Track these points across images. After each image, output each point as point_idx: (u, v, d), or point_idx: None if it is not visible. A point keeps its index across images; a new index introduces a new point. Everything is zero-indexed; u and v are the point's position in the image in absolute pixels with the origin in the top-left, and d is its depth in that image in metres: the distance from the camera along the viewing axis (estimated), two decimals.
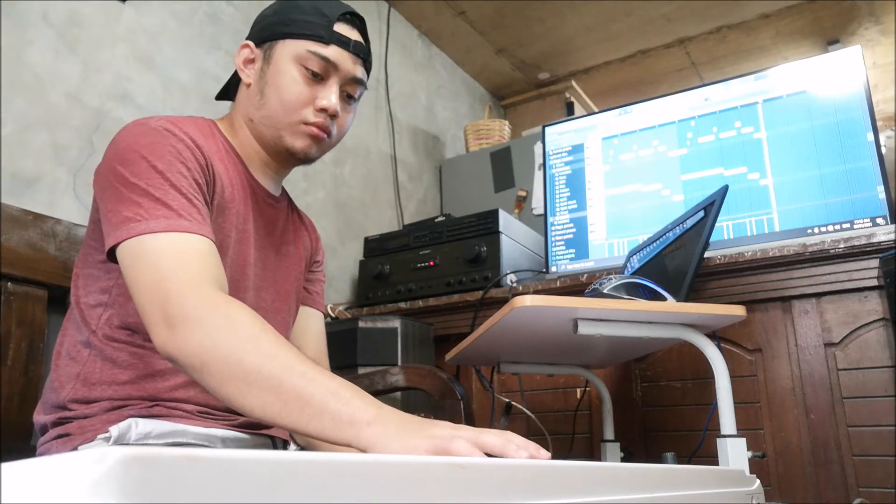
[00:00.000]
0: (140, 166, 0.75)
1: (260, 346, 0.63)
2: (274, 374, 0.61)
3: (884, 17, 2.69)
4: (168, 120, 0.82)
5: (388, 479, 0.29)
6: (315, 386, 0.59)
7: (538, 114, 2.89)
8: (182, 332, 0.65)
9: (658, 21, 2.65)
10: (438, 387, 1.20)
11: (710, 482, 0.65)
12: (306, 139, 0.90)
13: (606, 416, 1.32)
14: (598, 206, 1.73)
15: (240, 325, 0.65)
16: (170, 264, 0.69)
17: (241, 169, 0.92)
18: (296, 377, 0.60)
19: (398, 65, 2.47)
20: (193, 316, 0.65)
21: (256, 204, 0.93)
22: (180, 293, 0.67)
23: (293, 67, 0.88)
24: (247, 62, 0.93)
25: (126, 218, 0.72)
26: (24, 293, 1.03)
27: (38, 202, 1.23)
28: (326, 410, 0.58)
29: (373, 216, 2.23)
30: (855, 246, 1.24)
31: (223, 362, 0.63)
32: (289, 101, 0.88)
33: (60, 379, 0.82)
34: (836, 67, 1.47)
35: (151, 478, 0.21)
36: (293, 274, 1.00)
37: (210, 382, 0.64)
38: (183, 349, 0.65)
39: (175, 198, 0.74)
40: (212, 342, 0.64)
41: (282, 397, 0.60)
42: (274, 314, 0.95)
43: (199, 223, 0.75)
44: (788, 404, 1.28)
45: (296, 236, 1.03)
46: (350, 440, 0.57)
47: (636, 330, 0.96)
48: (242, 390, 0.62)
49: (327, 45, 0.88)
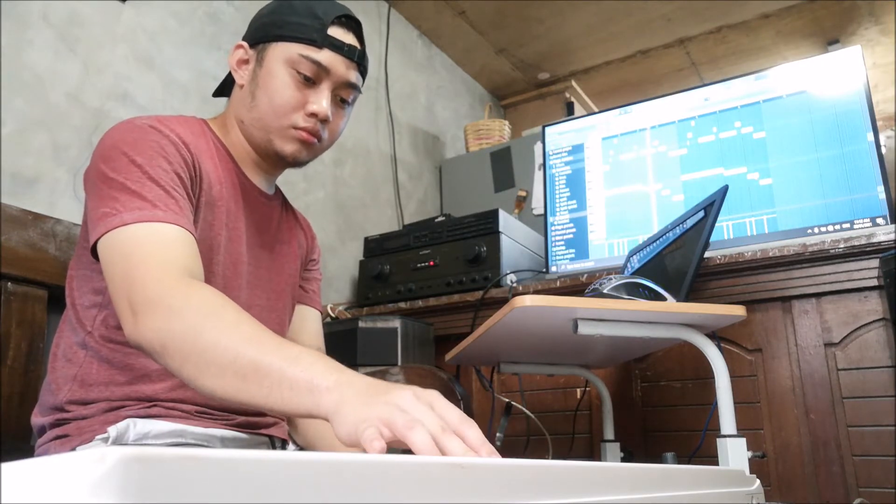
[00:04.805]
0: (120, 162, 0.75)
1: (219, 321, 0.62)
2: (230, 346, 0.59)
3: (884, 17, 2.69)
4: (156, 118, 0.82)
5: (388, 479, 0.29)
6: (274, 355, 0.58)
7: (538, 114, 2.89)
8: (143, 318, 0.65)
9: (658, 21, 2.65)
10: (438, 387, 1.20)
11: (710, 482, 0.65)
12: (295, 144, 0.89)
13: (606, 416, 1.32)
14: (598, 206, 1.73)
15: (198, 303, 0.64)
16: (139, 253, 0.69)
17: (233, 167, 0.91)
18: (253, 348, 0.59)
19: (398, 65, 2.47)
20: (154, 300, 0.65)
21: (248, 202, 0.93)
22: (143, 280, 0.67)
23: (284, 71, 0.87)
24: (240, 63, 0.92)
25: (103, 214, 0.72)
26: (24, 293, 1.03)
27: (38, 202, 1.23)
28: (284, 378, 0.56)
29: (373, 216, 2.23)
30: (855, 246, 1.24)
31: (181, 340, 0.62)
32: (279, 104, 0.87)
33: (57, 381, 0.82)
34: (836, 67, 1.47)
35: (151, 478, 0.21)
36: (287, 272, 1.00)
37: (171, 364, 0.63)
38: (144, 335, 0.65)
39: (151, 189, 0.74)
40: (167, 323, 0.63)
41: (240, 372, 0.58)
42: (269, 312, 0.94)
43: (175, 213, 0.74)
44: (788, 404, 1.28)
45: (290, 235, 1.02)
46: (311, 409, 0.54)
47: (636, 330, 0.96)
48: (201, 368, 0.60)
49: (320, 48, 0.87)
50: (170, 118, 0.84)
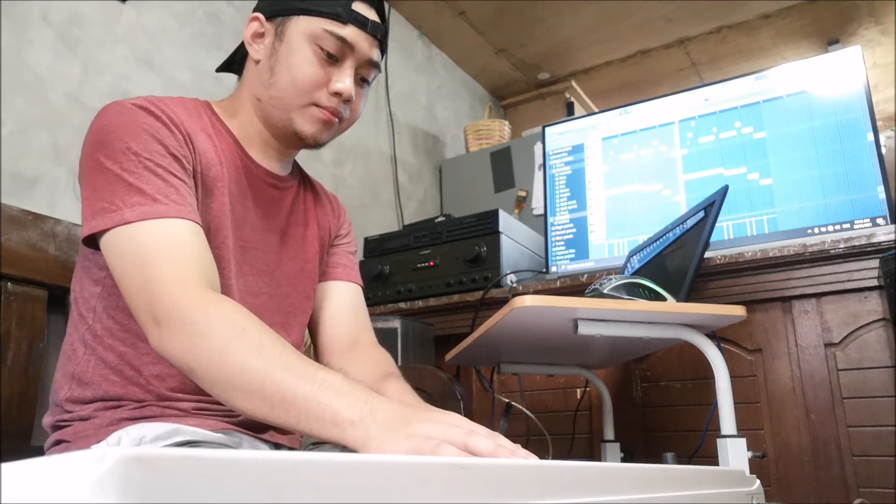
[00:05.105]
0: (114, 149, 0.73)
1: (243, 345, 0.62)
2: (256, 375, 0.60)
3: (884, 17, 2.69)
4: (146, 99, 0.79)
5: (388, 479, 0.29)
6: (299, 384, 0.58)
7: (538, 114, 2.89)
8: (167, 334, 0.65)
9: (658, 21, 2.65)
10: (438, 387, 1.20)
11: (710, 482, 0.65)
12: (317, 124, 0.86)
13: (606, 416, 1.32)
14: (598, 206, 1.73)
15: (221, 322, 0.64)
16: (153, 261, 0.68)
17: (235, 149, 0.88)
18: (279, 374, 0.59)
19: (398, 65, 2.47)
20: (176, 316, 0.65)
21: (253, 185, 0.89)
22: (163, 293, 0.66)
23: (307, 46, 0.82)
24: (255, 36, 0.87)
25: (102, 208, 0.71)
26: (23, 293, 1.03)
27: (38, 202, 1.23)
28: (310, 411, 0.57)
29: (373, 216, 2.23)
30: (855, 246, 1.24)
31: (207, 365, 0.63)
32: (301, 81, 0.83)
33: (59, 380, 0.82)
34: (836, 67, 1.47)
35: (151, 478, 0.21)
36: (302, 256, 0.95)
37: (202, 385, 0.65)
38: (171, 352, 0.66)
39: (149, 180, 0.72)
40: (193, 346, 0.64)
41: (267, 400, 0.59)
42: (280, 299, 0.91)
43: (178, 204, 0.72)
44: (788, 404, 1.28)
45: (307, 217, 0.97)
46: (338, 440, 0.56)
47: (636, 330, 0.96)
48: (229, 393, 0.62)
49: (344, 24, 0.83)
50: (163, 98, 0.81)
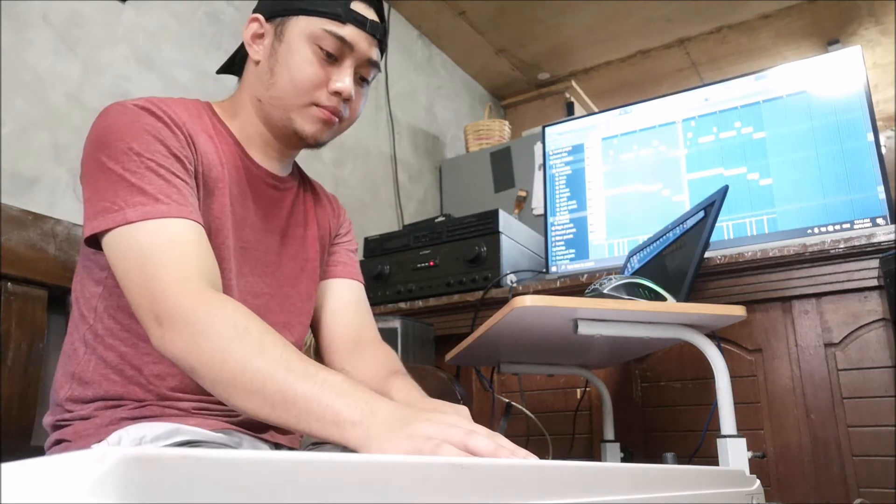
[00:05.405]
0: (116, 149, 0.73)
1: (244, 345, 0.62)
2: (257, 375, 0.60)
3: (884, 17, 2.69)
4: (147, 100, 0.79)
5: (388, 479, 0.29)
6: (300, 384, 0.59)
7: (538, 114, 2.89)
8: (169, 333, 0.66)
9: (658, 21, 2.65)
10: (438, 387, 1.20)
11: (710, 482, 0.65)
12: (317, 123, 0.86)
13: (606, 416, 1.32)
14: (598, 206, 1.73)
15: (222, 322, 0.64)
16: (155, 260, 0.68)
17: (236, 150, 0.88)
18: (280, 375, 0.60)
19: (398, 65, 2.47)
20: (178, 315, 0.65)
21: (254, 186, 0.89)
22: (164, 292, 0.66)
23: (306, 46, 0.83)
24: (255, 37, 0.88)
25: (104, 208, 0.71)
26: (24, 293, 1.03)
27: (38, 202, 1.23)
28: (311, 411, 0.57)
29: (373, 216, 2.23)
30: (855, 246, 1.24)
31: (208, 365, 0.63)
32: (301, 81, 0.83)
33: (59, 379, 0.82)
34: (836, 67, 1.47)
35: (151, 478, 0.21)
36: (303, 257, 0.96)
37: (204, 384, 0.65)
38: (173, 352, 0.66)
39: (151, 180, 0.72)
40: (195, 345, 0.64)
41: (268, 400, 0.59)
42: (281, 299, 0.91)
43: (180, 204, 0.73)
44: (788, 404, 1.28)
45: (308, 217, 0.98)
46: (338, 440, 0.57)
47: (636, 330, 0.96)
48: (230, 392, 0.62)
49: (343, 24, 0.83)
50: (164, 99, 0.82)
